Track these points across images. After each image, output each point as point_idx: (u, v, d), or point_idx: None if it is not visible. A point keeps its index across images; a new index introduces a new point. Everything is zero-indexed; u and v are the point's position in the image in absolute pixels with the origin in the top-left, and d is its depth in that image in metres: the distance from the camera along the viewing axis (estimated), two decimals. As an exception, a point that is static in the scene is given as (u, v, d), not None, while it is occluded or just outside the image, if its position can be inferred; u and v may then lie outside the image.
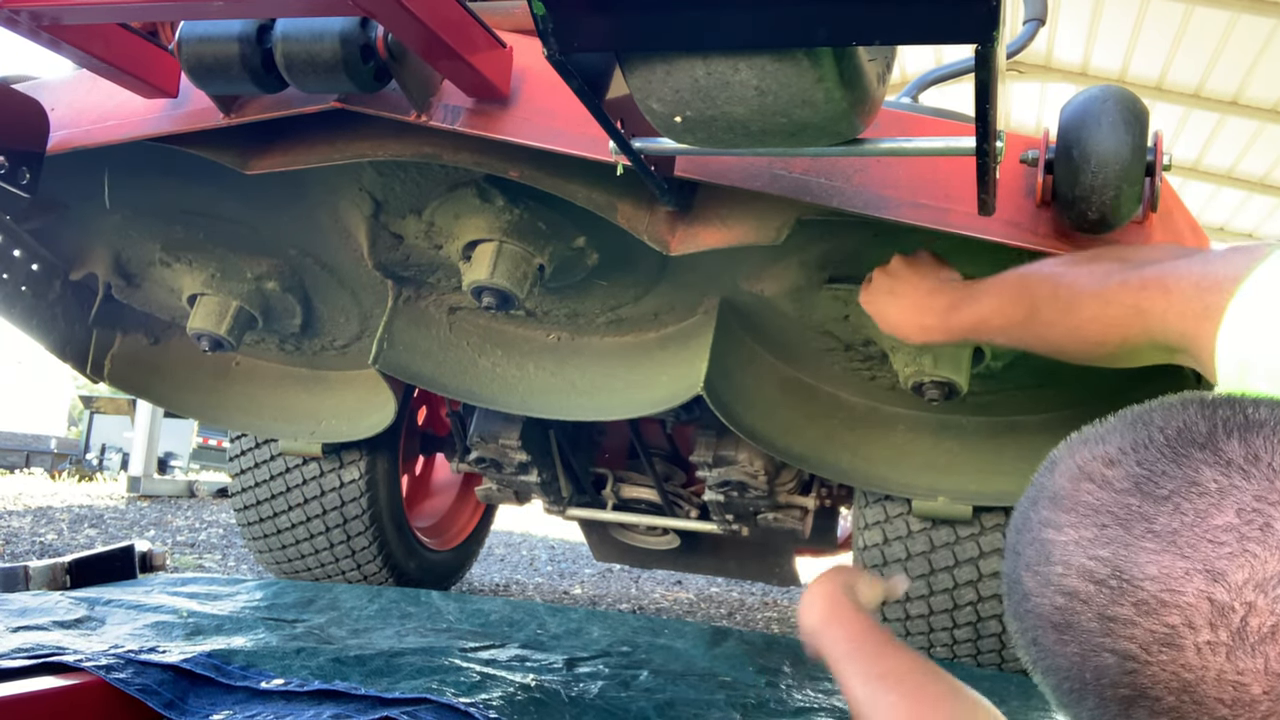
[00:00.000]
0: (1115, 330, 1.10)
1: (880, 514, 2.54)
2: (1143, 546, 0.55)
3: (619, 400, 2.23)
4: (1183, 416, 0.60)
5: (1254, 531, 0.53)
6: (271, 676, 1.56)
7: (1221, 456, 0.56)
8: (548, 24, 1.02)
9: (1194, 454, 0.57)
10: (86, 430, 17.07)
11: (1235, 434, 0.57)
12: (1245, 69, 10.06)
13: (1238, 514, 0.54)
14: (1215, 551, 0.53)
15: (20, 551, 4.30)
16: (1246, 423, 0.58)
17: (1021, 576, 0.63)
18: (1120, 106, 1.30)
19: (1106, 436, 0.63)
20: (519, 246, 1.84)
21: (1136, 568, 0.55)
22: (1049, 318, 1.21)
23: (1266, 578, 0.52)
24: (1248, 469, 0.55)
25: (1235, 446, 0.56)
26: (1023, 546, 0.64)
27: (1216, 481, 0.55)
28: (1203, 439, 0.58)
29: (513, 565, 5.66)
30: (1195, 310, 0.95)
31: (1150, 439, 0.60)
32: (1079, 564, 0.58)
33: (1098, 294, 1.12)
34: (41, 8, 1.29)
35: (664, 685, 1.87)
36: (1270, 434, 0.57)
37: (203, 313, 2.18)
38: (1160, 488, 0.57)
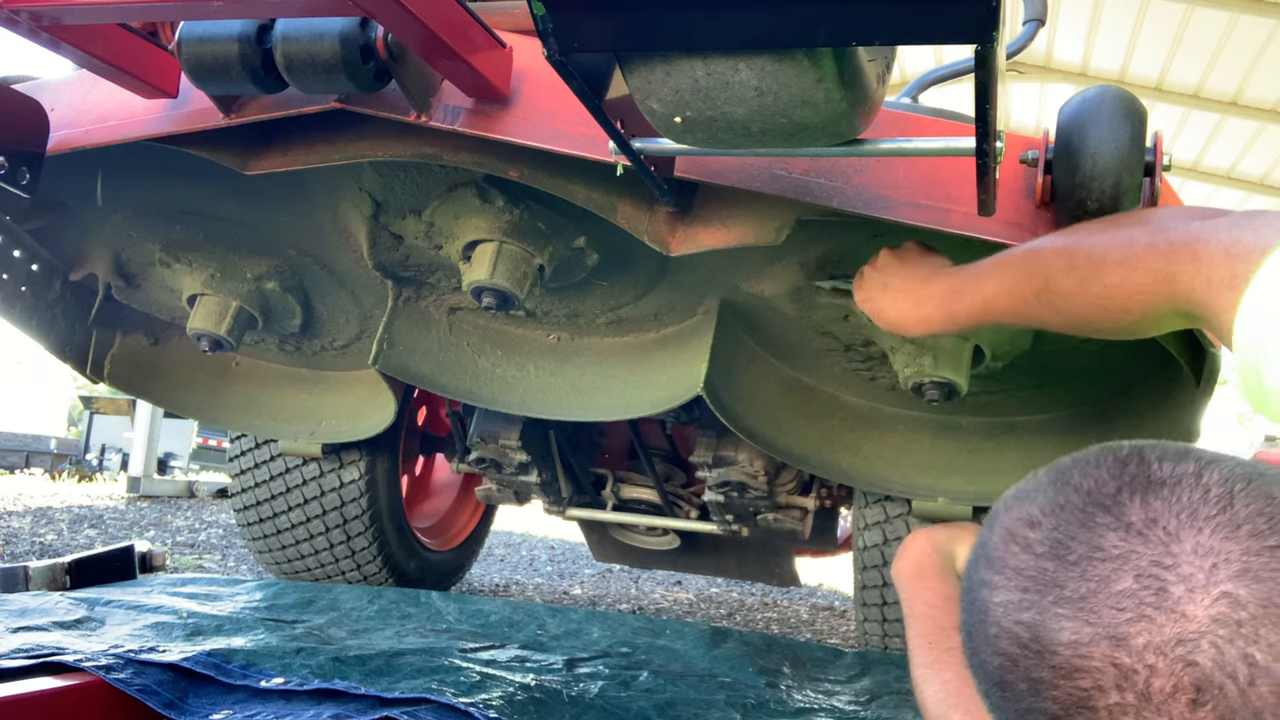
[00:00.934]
0: (1141, 297, 1.06)
1: (880, 514, 2.54)
2: (1057, 612, 0.58)
3: (619, 401, 2.23)
4: (1095, 476, 0.62)
5: (1150, 596, 0.55)
6: (271, 676, 1.56)
7: (1123, 520, 0.58)
8: (548, 24, 1.02)
9: (1100, 518, 0.59)
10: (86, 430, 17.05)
11: (1137, 495, 0.59)
12: (1245, 69, 10.06)
13: (1135, 579, 0.56)
14: (1118, 617, 0.56)
15: (20, 552, 4.30)
16: (1148, 483, 0.60)
17: (970, 633, 0.65)
18: (1119, 106, 1.30)
19: (1032, 495, 0.65)
20: (519, 247, 1.84)
21: (1052, 633, 0.58)
22: (1068, 288, 1.16)
23: (1164, 641, 0.54)
24: (1145, 533, 0.57)
25: (1136, 509, 0.58)
26: (967, 604, 0.66)
27: (1117, 547, 0.57)
28: (1109, 501, 0.60)
29: (513, 566, 5.66)
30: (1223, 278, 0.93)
31: (1066, 501, 0.62)
32: (1007, 627, 0.61)
33: (1123, 260, 1.08)
34: (41, 8, 1.29)
35: (664, 686, 1.87)
36: (1169, 494, 0.58)
37: (202, 313, 2.18)
38: (1071, 553, 0.59)
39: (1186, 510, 0.57)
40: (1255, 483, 0.58)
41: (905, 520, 2.49)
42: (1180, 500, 0.58)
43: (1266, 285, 0.87)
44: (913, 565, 1.17)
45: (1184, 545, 0.56)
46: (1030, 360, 1.93)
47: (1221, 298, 0.92)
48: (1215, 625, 0.53)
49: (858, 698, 2.04)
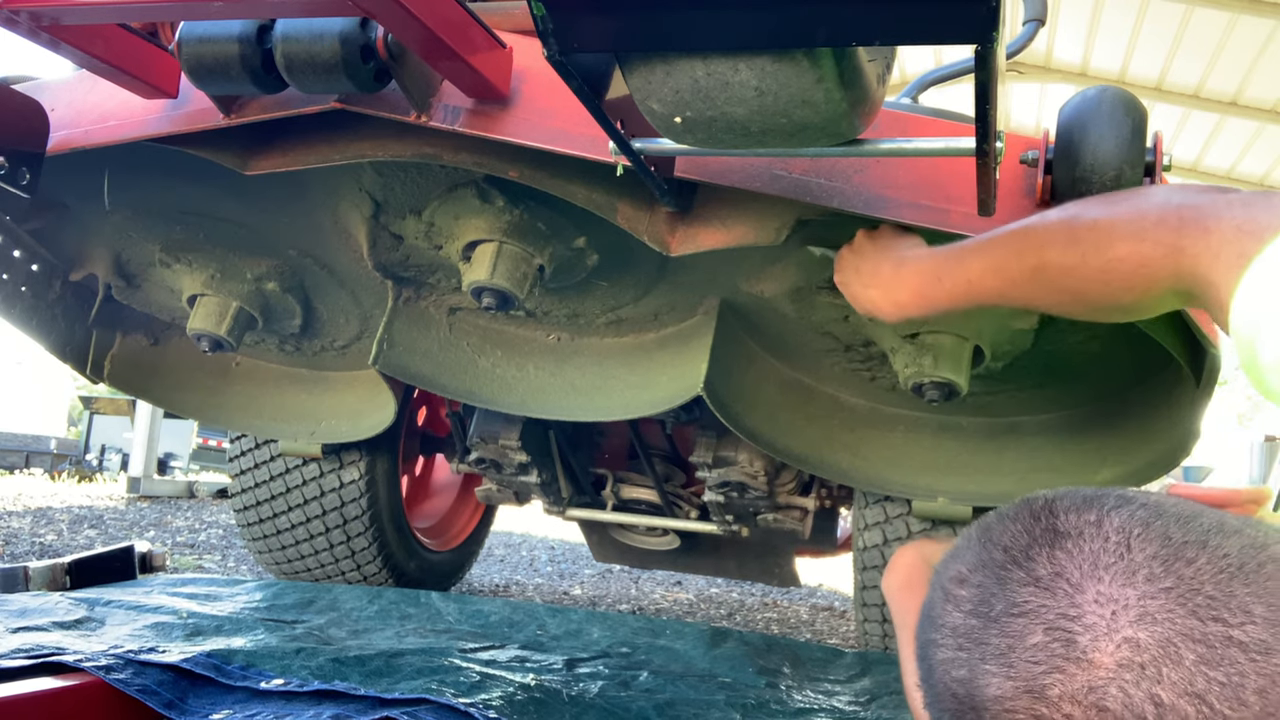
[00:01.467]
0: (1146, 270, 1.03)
1: (880, 515, 2.54)
2: (984, 669, 0.60)
3: (619, 401, 2.23)
4: (1013, 530, 0.65)
5: (1060, 648, 0.57)
6: (271, 677, 1.56)
7: (1033, 574, 0.61)
8: (547, 24, 1.02)
9: (1014, 573, 0.62)
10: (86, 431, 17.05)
11: (1045, 549, 0.62)
12: (1245, 70, 10.06)
13: (1045, 632, 0.58)
14: (1034, 670, 0.58)
15: (20, 552, 4.30)
16: (1055, 535, 0.62)
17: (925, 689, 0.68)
18: (1119, 105, 1.30)
19: (963, 553, 0.68)
20: (519, 247, 1.84)
21: (981, 689, 0.60)
22: (1068, 263, 1.12)
23: (1077, 690, 0.56)
24: (1052, 586, 0.59)
25: (1044, 562, 0.61)
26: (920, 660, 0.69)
27: (1029, 601, 0.60)
28: (1022, 557, 0.62)
29: (512, 566, 5.66)
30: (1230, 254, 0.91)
31: (989, 558, 0.64)
32: (948, 684, 0.63)
33: (1133, 233, 1.04)
34: (41, 8, 1.29)
35: (664, 686, 1.87)
36: (1073, 546, 0.61)
37: (202, 313, 2.18)
38: (992, 609, 0.61)
39: (1088, 560, 0.60)
40: (1154, 525, 0.60)
41: (905, 520, 2.49)
42: (1083, 551, 0.60)
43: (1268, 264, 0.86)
44: (902, 577, 1.18)
45: (1086, 595, 0.58)
46: (1030, 360, 1.93)
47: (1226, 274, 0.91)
48: (1121, 670, 0.55)
49: (858, 698, 2.04)
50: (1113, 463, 2.07)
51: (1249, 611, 0.55)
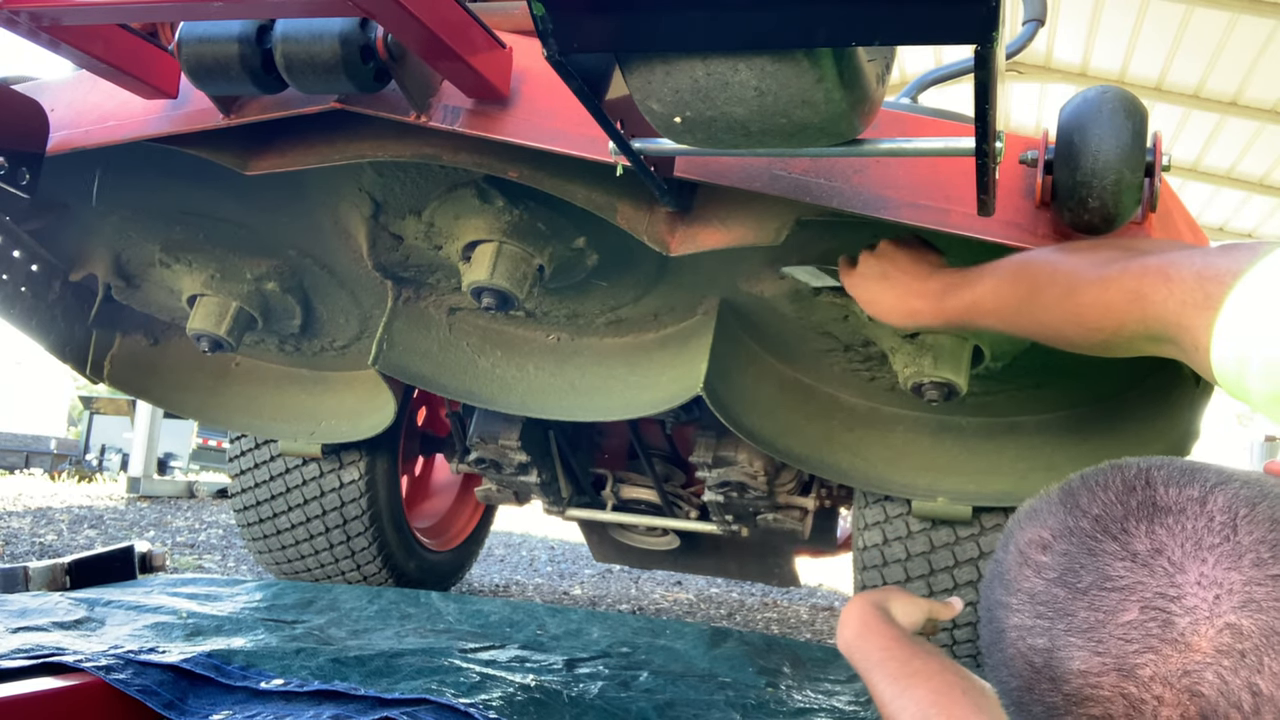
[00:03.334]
0: (1113, 316, 1.10)
1: (880, 514, 2.54)
2: (1068, 640, 0.59)
3: (618, 401, 2.23)
4: (1104, 499, 0.63)
5: (1156, 628, 0.56)
6: (271, 677, 1.56)
7: (1129, 548, 0.59)
8: (547, 24, 1.02)
9: (1107, 545, 0.60)
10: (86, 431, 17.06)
11: (1143, 523, 0.60)
12: (1245, 70, 10.06)
13: (1141, 610, 0.57)
14: (1125, 648, 0.57)
15: (20, 552, 4.30)
16: (1154, 509, 0.60)
17: (989, 650, 0.67)
18: (1119, 107, 1.30)
19: (1044, 516, 0.66)
20: (519, 247, 1.84)
21: (1064, 661, 0.59)
22: (1046, 301, 1.21)
23: (1170, 672, 0.55)
24: (1151, 563, 0.58)
25: (1142, 538, 0.59)
26: (985, 621, 0.68)
27: (1124, 577, 0.58)
28: (1116, 529, 0.61)
29: (512, 566, 5.66)
30: (1195, 299, 0.95)
31: (1076, 525, 0.63)
32: (1022, 651, 0.62)
33: (1099, 279, 1.12)
34: (41, 8, 1.29)
35: (664, 686, 1.87)
36: (1174, 523, 0.59)
37: (202, 313, 2.18)
38: (1080, 580, 0.60)
39: (1191, 539, 0.58)
40: (1260, 507, 0.58)
41: (905, 520, 2.49)
42: (1185, 529, 0.58)
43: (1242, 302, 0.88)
44: (856, 626, 1.19)
45: (1188, 576, 0.57)
46: (1030, 360, 1.93)
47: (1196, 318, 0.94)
48: (1220, 656, 0.54)
49: (858, 698, 2.04)
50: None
51: None
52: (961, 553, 2.44)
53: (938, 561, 2.46)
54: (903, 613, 1.25)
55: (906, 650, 1.10)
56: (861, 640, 1.16)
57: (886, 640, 1.13)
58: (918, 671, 1.05)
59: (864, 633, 1.17)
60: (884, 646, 1.12)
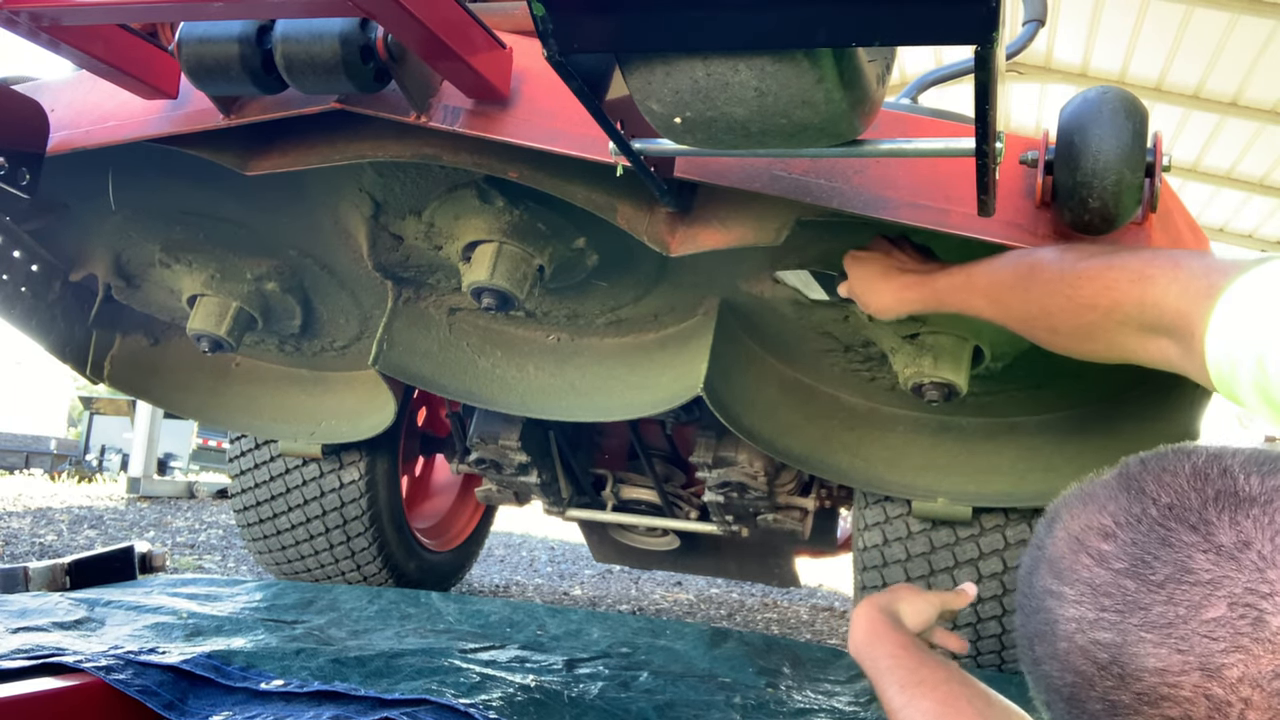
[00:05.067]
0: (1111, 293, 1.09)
1: (880, 515, 2.54)
2: (1141, 636, 0.55)
3: (619, 401, 2.23)
4: (1174, 486, 0.59)
5: (1246, 626, 0.53)
6: (271, 677, 1.56)
7: (1213, 541, 0.56)
8: (547, 25, 1.01)
9: (1186, 536, 0.56)
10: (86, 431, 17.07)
11: (1226, 513, 0.56)
12: (1245, 70, 10.06)
13: (1229, 607, 0.53)
14: (1210, 647, 0.53)
15: (20, 552, 4.30)
16: (1237, 499, 0.57)
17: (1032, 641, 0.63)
18: (1119, 107, 1.30)
19: (1102, 501, 0.62)
20: (519, 247, 1.84)
21: (1136, 659, 0.55)
22: (1044, 278, 1.22)
23: (1261, 674, 0.52)
24: (1238, 556, 0.55)
25: (1226, 529, 0.56)
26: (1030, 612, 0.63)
27: (1208, 571, 0.55)
28: (1194, 519, 0.57)
29: (512, 566, 5.66)
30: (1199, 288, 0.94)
31: (1144, 513, 0.59)
32: (1083, 645, 0.58)
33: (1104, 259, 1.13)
34: (41, 8, 1.29)
35: (664, 686, 1.87)
36: (1260, 513, 0.56)
37: (202, 314, 2.18)
38: (1155, 573, 0.56)
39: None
40: None
41: (905, 520, 2.49)
42: (1274, 521, 0.55)
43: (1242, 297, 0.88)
44: (865, 631, 1.20)
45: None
46: (1030, 361, 1.93)
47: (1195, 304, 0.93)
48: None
49: (857, 698, 2.04)
50: (1112, 463, 2.06)
51: None
52: (961, 553, 2.44)
53: (938, 562, 2.46)
54: (913, 612, 1.25)
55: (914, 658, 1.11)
56: (870, 647, 1.17)
57: (894, 647, 1.14)
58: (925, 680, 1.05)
59: (872, 639, 1.18)
60: (892, 654, 1.13)
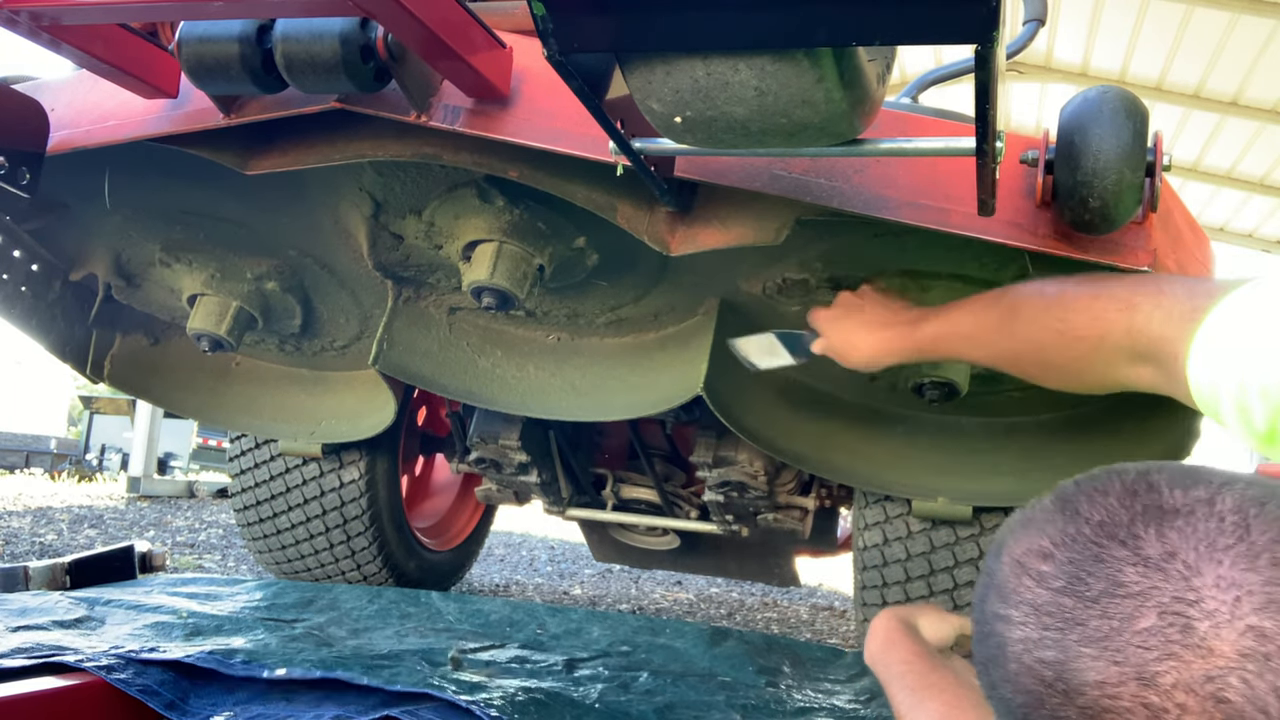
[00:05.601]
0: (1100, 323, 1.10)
1: (880, 514, 2.54)
2: (1081, 651, 0.57)
3: (619, 401, 2.23)
4: (1105, 505, 0.61)
5: (1176, 634, 0.55)
6: (274, 667, 1.56)
7: (1141, 554, 0.58)
8: (547, 24, 1.02)
9: (1116, 551, 0.58)
10: (86, 431, 17.07)
11: (1152, 526, 0.58)
12: (1245, 69, 10.05)
13: (1159, 616, 0.55)
14: (1144, 656, 0.55)
15: (20, 552, 4.30)
16: (1162, 512, 0.59)
17: (988, 667, 0.65)
18: (1120, 107, 1.30)
19: (1040, 524, 0.64)
20: (519, 247, 1.84)
21: (1078, 674, 0.57)
22: (1030, 314, 1.22)
23: (1193, 679, 0.54)
24: (1165, 567, 0.56)
25: (1153, 541, 0.58)
26: (983, 638, 0.65)
27: (1138, 583, 0.57)
28: (1124, 534, 0.59)
29: (512, 565, 5.66)
30: (1183, 311, 0.96)
31: (1078, 532, 0.61)
32: (1029, 664, 0.60)
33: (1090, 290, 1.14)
34: (41, 8, 1.29)
35: (664, 686, 1.87)
36: (1184, 524, 0.58)
37: (203, 313, 2.18)
38: (1090, 589, 0.58)
39: (1204, 541, 0.57)
40: (1269, 506, 0.57)
41: (905, 520, 2.49)
42: (1196, 530, 0.57)
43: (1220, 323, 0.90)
44: (882, 639, 1.22)
45: (1205, 579, 0.55)
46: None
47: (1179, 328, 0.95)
48: (1243, 660, 0.53)
49: (857, 697, 2.04)
50: (1112, 463, 2.06)
51: None
52: (961, 553, 2.44)
53: (938, 562, 2.46)
54: (931, 629, 1.27)
55: (926, 664, 1.12)
56: (884, 653, 1.19)
57: (907, 654, 1.16)
58: (934, 684, 1.07)
59: (887, 646, 1.19)
60: (905, 660, 1.14)
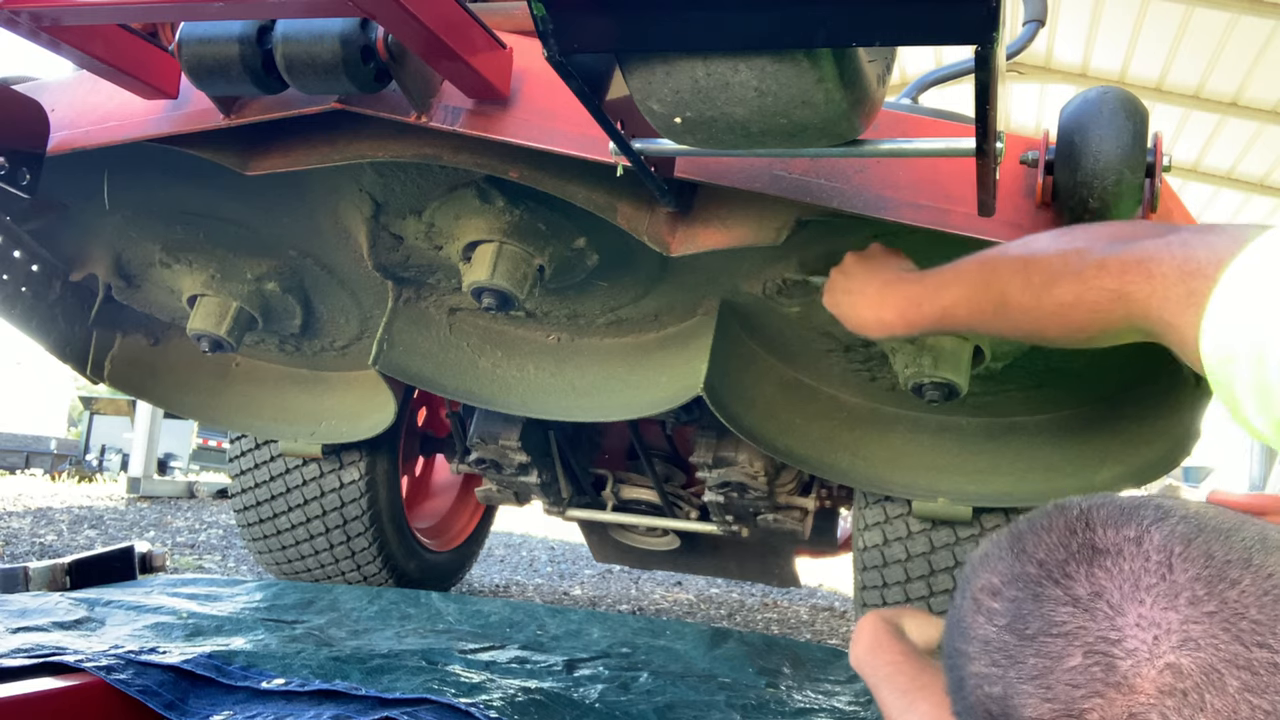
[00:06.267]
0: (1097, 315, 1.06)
1: (880, 515, 2.54)
2: (1020, 689, 0.60)
3: (619, 401, 2.23)
4: (1047, 543, 0.64)
5: (1100, 671, 0.57)
6: (272, 676, 1.56)
7: (1071, 593, 0.60)
8: (547, 25, 1.02)
9: (1051, 590, 0.61)
10: (86, 431, 17.05)
11: (1083, 566, 0.61)
12: (1245, 70, 10.05)
13: (1085, 655, 0.58)
14: (1073, 694, 0.57)
15: (20, 552, 4.30)
16: (1093, 551, 0.61)
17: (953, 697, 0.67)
18: (1120, 107, 1.30)
19: (994, 561, 0.67)
20: (519, 247, 1.84)
21: (1017, 710, 0.60)
22: (1023, 303, 1.15)
23: (1116, 715, 0.56)
24: (1092, 607, 0.59)
25: (1083, 581, 0.60)
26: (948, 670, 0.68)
27: (1067, 622, 0.59)
28: (1058, 573, 0.61)
29: (512, 566, 5.66)
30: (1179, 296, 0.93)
31: (1023, 571, 0.63)
32: (980, 699, 0.63)
33: (1076, 276, 1.07)
34: (41, 8, 1.29)
35: (664, 686, 1.87)
36: (1112, 564, 0.60)
37: (203, 313, 2.18)
38: (1029, 627, 0.61)
39: (1129, 581, 0.59)
40: (1195, 543, 0.59)
41: (905, 520, 2.49)
42: (1122, 570, 0.59)
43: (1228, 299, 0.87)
44: (868, 641, 1.21)
45: (1127, 618, 0.58)
46: (1030, 361, 1.93)
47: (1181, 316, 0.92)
48: (1163, 696, 0.55)
49: (858, 698, 2.04)
50: (1112, 463, 2.07)
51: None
52: (961, 553, 2.44)
53: (938, 562, 2.46)
54: (917, 631, 1.26)
55: (914, 666, 1.12)
56: (871, 655, 1.18)
57: (895, 656, 1.15)
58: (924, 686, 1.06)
59: (874, 648, 1.18)
60: (892, 661, 1.14)
